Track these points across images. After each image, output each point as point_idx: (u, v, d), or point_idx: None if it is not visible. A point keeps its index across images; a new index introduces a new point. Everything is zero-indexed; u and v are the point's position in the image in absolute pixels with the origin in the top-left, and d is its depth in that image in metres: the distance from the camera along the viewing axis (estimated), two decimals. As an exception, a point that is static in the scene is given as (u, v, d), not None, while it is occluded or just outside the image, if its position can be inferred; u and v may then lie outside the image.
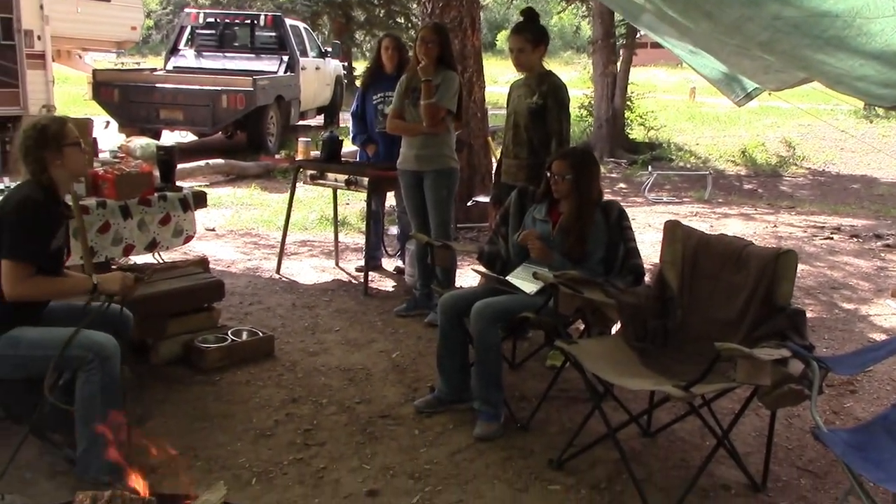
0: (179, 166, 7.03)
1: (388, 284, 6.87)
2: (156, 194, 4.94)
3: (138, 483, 2.45)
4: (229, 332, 5.08)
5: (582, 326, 4.65)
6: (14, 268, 3.30)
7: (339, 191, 7.13)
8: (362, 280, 6.61)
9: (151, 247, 4.97)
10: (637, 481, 3.50)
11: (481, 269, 4.71)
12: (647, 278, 4.33)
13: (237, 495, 3.43)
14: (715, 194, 12.37)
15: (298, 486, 3.60)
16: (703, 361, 3.48)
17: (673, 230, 4.08)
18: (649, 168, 13.87)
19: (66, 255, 3.71)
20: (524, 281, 4.32)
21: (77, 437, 3.42)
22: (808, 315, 5.48)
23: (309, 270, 7.18)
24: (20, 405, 3.60)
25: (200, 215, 5.71)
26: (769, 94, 5.68)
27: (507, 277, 4.40)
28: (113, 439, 3.35)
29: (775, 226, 9.89)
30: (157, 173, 5.20)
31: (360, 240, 7.67)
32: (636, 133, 17.81)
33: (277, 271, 7.05)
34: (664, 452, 4.01)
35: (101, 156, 5.55)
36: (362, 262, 6.75)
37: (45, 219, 3.37)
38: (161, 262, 5.43)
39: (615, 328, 4.38)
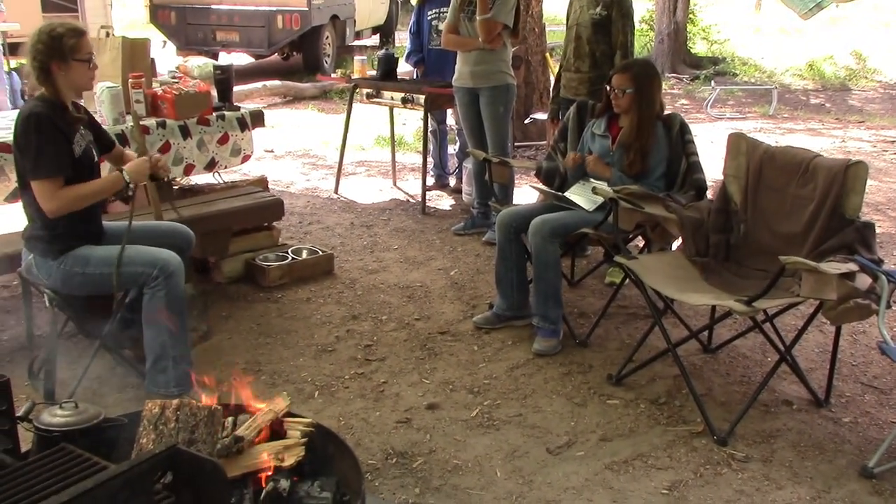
0: (236, 88, 7.03)
1: (445, 203, 6.85)
2: (214, 114, 4.95)
3: (205, 394, 2.51)
4: (290, 251, 5.14)
5: (642, 243, 4.60)
6: (43, 185, 3.30)
7: (395, 109, 7.08)
8: (420, 199, 6.60)
9: (211, 166, 5.01)
10: (697, 396, 3.49)
11: (539, 185, 4.66)
12: (709, 194, 4.24)
13: (300, 408, 3.51)
14: (780, 109, 12.01)
15: (360, 400, 3.66)
16: (766, 276, 3.43)
17: (737, 142, 3.97)
18: (712, 83, 13.49)
19: (99, 159, 3.69)
20: (582, 197, 4.27)
21: (146, 350, 3.50)
22: (878, 231, 5.35)
23: (367, 190, 7.19)
24: (91, 321, 3.70)
25: (259, 137, 5.72)
26: (836, 5, 5.43)
27: (565, 193, 4.35)
28: (180, 353, 3.47)
29: (843, 141, 9.59)
30: (214, 93, 5.21)
31: (418, 159, 7.64)
32: (698, 47, 17.28)
33: (336, 191, 7.08)
34: (725, 368, 3.98)
35: (159, 77, 5.56)
36: (419, 181, 6.73)
37: (55, 130, 3.31)
38: (221, 182, 5.48)
39: (676, 244, 4.32)
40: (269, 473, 2.30)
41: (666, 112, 4.34)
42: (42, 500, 1.77)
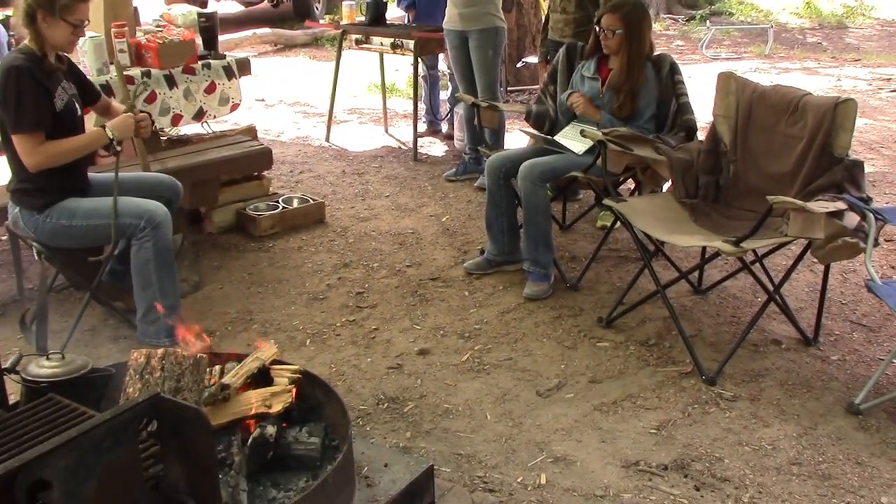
0: (226, 37, 6.97)
1: (437, 149, 6.82)
2: (199, 62, 4.89)
3: (195, 343, 2.52)
4: (280, 200, 5.13)
5: (632, 185, 4.59)
6: (23, 140, 3.27)
7: (386, 56, 7.00)
8: (412, 146, 6.56)
9: (199, 116, 4.96)
10: (686, 337, 3.50)
11: (529, 129, 4.62)
12: (702, 135, 4.21)
13: (292, 356, 3.53)
14: (776, 49, 11.88)
15: (351, 347, 3.68)
16: (755, 217, 3.41)
17: (726, 82, 3.93)
18: (707, 23, 13.34)
19: (84, 110, 3.65)
20: (572, 140, 4.24)
21: (135, 301, 3.51)
22: (870, 170, 5.33)
23: (358, 137, 7.15)
24: (80, 273, 3.70)
25: (250, 86, 5.67)
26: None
27: (554, 137, 4.32)
28: (169, 303, 3.47)
29: (839, 79, 9.51)
30: (199, 41, 5.14)
31: (409, 105, 7.58)
32: (694, -14, 17.04)
33: (327, 139, 7.04)
34: (714, 309, 3.99)
35: (143, 25, 5.48)
36: (411, 128, 6.68)
37: (35, 83, 3.27)
38: (210, 132, 5.44)
39: (666, 186, 4.30)
40: (257, 420, 2.32)
41: (656, 53, 4.29)
42: (28, 449, 1.78)
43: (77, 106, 3.50)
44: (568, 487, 2.74)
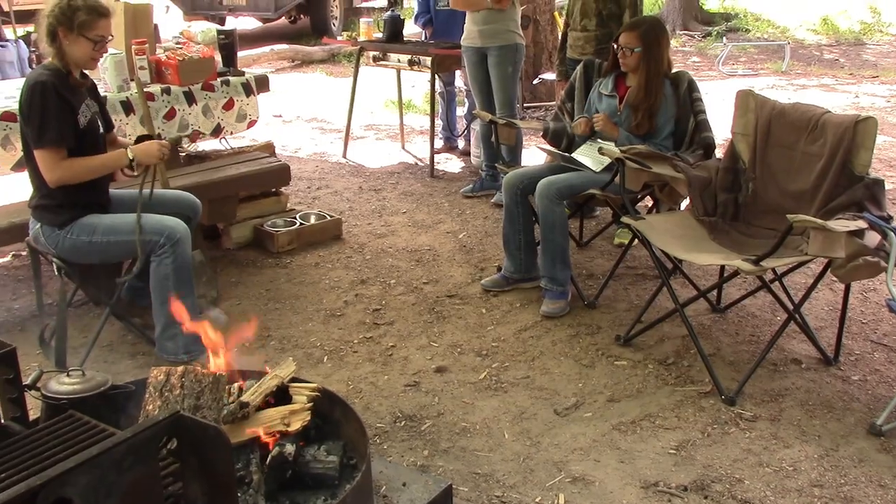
0: (244, 53, 7.01)
1: (454, 166, 6.83)
2: (218, 79, 4.93)
3: (214, 360, 2.52)
4: (298, 216, 5.14)
5: (650, 203, 4.58)
6: (45, 155, 3.30)
7: (403, 72, 7.03)
8: (428, 162, 6.58)
9: (216, 132, 4.99)
10: (705, 356, 3.48)
11: (546, 146, 4.62)
12: (719, 152, 4.20)
13: (309, 372, 3.53)
14: (793, 65, 11.85)
15: (368, 364, 3.68)
16: (774, 235, 3.41)
17: (745, 100, 3.92)
18: (724, 40, 13.33)
19: (108, 129, 3.68)
20: (590, 157, 4.24)
21: (154, 318, 3.52)
22: (890, 188, 5.29)
23: (375, 154, 7.17)
24: (100, 289, 3.72)
25: (267, 102, 5.70)
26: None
27: (572, 154, 4.32)
28: (188, 320, 3.48)
29: (857, 96, 9.47)
30: (218, 58, 5.18)
31: (426, 122, 7.60)
32: (710, 3, 17.05)
33: (344, 155, 7.06)
34: (734, 328, 3.97)
35: (163, 42, 5.53)
36: (428, 144, 6.70)
37: (59, 99, 3.30)
38: (228, 148, 5.47)
39: (684, 204, 4.29)
40: (276, 439, 2.32)
41: (674, 70, 4.29)
42: (49, 466, 1.79)
43: (100, 123, 3.53)
44: (586, 508, 2.73)
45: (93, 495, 1.64)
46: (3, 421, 2.16)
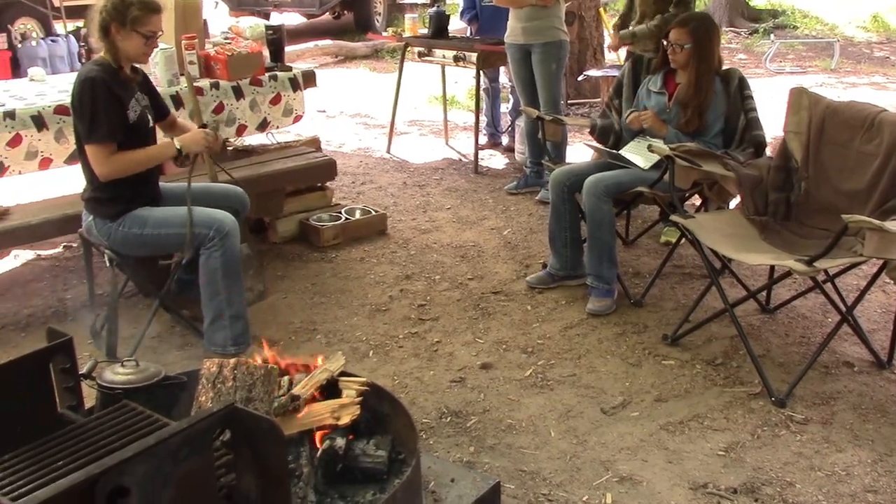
0: (288, 49, 7.05)
1: (498, 162, 6.81)
2: (266, 74, 4.96)
3: (262, 353, 2.54)
4: (343, 211, 5.16)
5: (698, 202, 4.53)
6: (96, 150, 3.35)
7: (447, 68, 7.03)
8: (472, 158, 6.57)
9: (263, 126, 5.03)
10: (755, 356, 3.43)
11: (594, 143, 4.59)
12: (768, 151, 4.14)
13: (355, 367, 3.54)
14: (842, 63, 11.65)
15: (414, 359, 3.68)
16: (827, 235, 3.35)
17: (799, 97, 3.86)
18: (771, 37, 13.14)
19: (164, 115, 3.72)
20: (638, 155, 4.21)
21: (203, 310, 3.56)
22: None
23: (419, 149, 7.18)
24: (150, 281, 3.77)
25: (311, 97, 5.72)
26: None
27: (620, 151, 4.28)
28: (236, 312, 3.52)
29: (909, 95, 9.29)
30: (266, 53, 5.22)
31: (470, 118, 7.59)
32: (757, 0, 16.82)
33: (388, 151, 7.08)
34: (783, 329, 3.91)
35: (212, 38, 5.58)
36: (471, 140, 6.69)
37: (110, 94, 3.34)
38: (274, 142, 5.51)
39: (733, 203, 4.24)
40: (325, 432, 2.33)
41: (725, 67, 4.23)
42: (106, 455, 1.81)
43: (149, 117, 3.57)
44: (634, 508, 2.70)
45: (149, 485, 1.66)
46: (59, 409, 2.19)
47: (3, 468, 1.92)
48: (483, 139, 7.00)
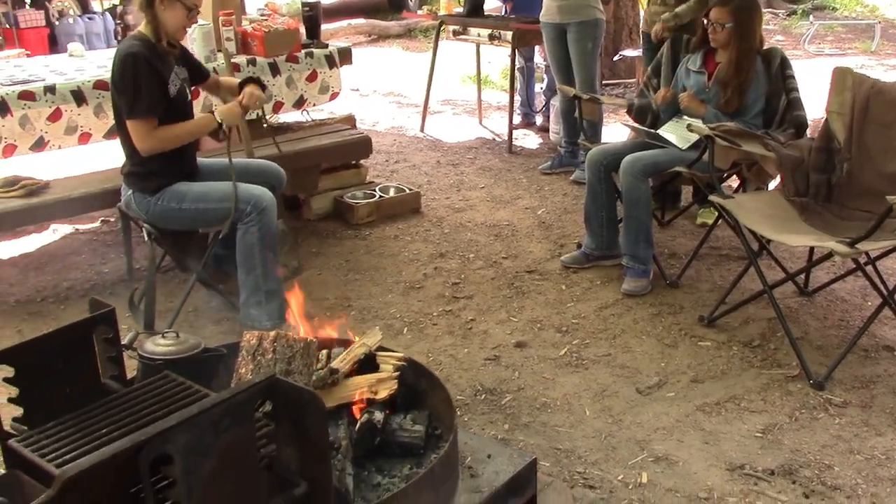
0: (322, 27, 7.05)
1: (532, 142, 6.78)
2: (302, 51, 4.96)
3: (298, 327, 2.55)
4: (377, 189, 5.17)
5: (735, 184, 4.48)
6: (137, 125, 3.37)
7: (482, 47, 6.99)
8: (506, 138, 6.54)
9: (299, 103, 5.04)
10: (793, 339, 3.39)
11: (631, 122, 4.55)
12: (808, 133, 4.08)
13: (389, 343, 3.52)
14: (883, 45, 11.44)
15: (448, 336, 3.68)
16: (869, 217, 3.30)
17: (842, 77, 3.79)
18: (810, 18, 12.92)
19: (195, 91, 3.72)
20: (676, 135, 4.16)
21: (239, 285, 3.58)
22: None
23: (452, 129, 7.16)
24: (187, 256, 3.79)
25: (344, 76, 5.72)
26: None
27: (658, 131, 4.24)
28: (272, 287, 3.53)
29: (952, 77, 9.11)
30: (302, 30, 5.21)
31: (503, 98, 7.55)
32: (796, -20, 16.52)
33: (421, 129, 7.07)
34: (822, 312, 3.86)
35: (248, 14, 5.58)
36: (505, 120, 6.66)
37: (150, 70, 3.36)
38: (309, 120, 5.51)
39: (772, 185, 4.19)
40: (363, 406, 2.33)
41: (766, 46, 4.17)
42: (148, 424, 1.83)
43: (188, 91, 3.59)
44: (670, 488, 2.69)
45: (192, 454, 1.67)
46: (102, 379, 2.21)
47: (47, 435, 1.95)
48: (517, 119, 6.96)
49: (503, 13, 7.10)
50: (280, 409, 1.90)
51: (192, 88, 3.72)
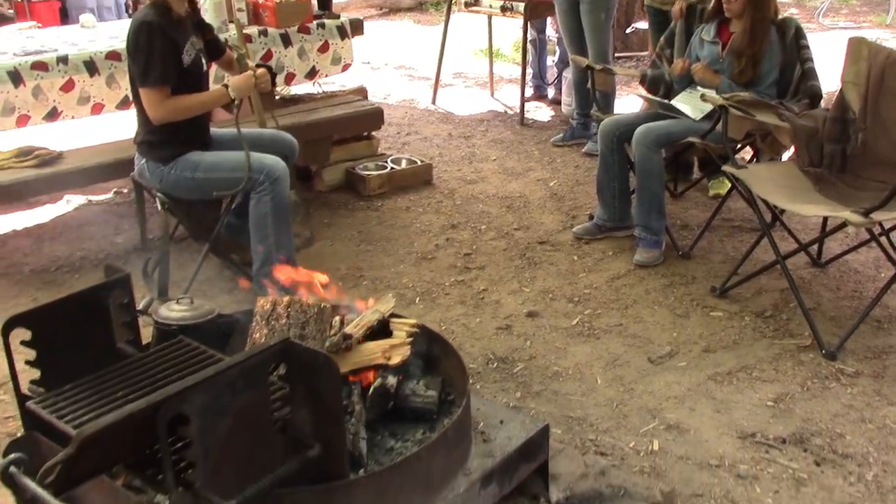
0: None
1: (544, 114, 6.75)
2: (314, 22, 4.95)
3: (311, 295, 2.56)
4: (389, 160, 5.16)
5: (748, 155, 4.45)
6: (150, 93, 3.37)
7: (493, 19, 6.95)
8: (518, 110, 6.52)
9: (311, 74, 5.03)
10: (806, 309, 3.39)
11: (644, 93, 4.52)
12: (822, 104, 4.05)
13: (402, 312, 3.54)
14: (899, 17, 11.32)
15: (460, 306, 3.69)
16: (884, 188, 3.27)
17: (858, 47, 3.75)
18: (825, -10, 12.78)
19: (209, 65, 3.71)
20: (689, 105, 4.14)
21: (252, 254, 3.59)
22: None
23: (464, 101, 7.13)
24: (200, 225, 3.80)
25: (356, 49, 5.70)
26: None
27: (671, 101, 4.22)
28: (285, 256, 3.54)
29: (968, 50, 9.01)
30: (314, 1, 5.19)
31: (515, 70, 7.51)
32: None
33: (433, 102, 7.04)
34: (835, 283, 3.85)
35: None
36: (517, 92, 6.63)
37: (165, 38, 3.35)
38: (321, 91, 5.50)
39: (786, 155, 4.17)
40: (376, 372, 2.35)
41: (781, 16, 4.13)
42: (163, 387, 1.85)
43: (203, 61, 3.58)
44: (681, 455, 2.70)
45: (208, 414, 1.69)
46: (118, 344, 2.23)
47: (65, 397, 1.97)
48: (529, 91, 6.92)
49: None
50: (294, 372, 1.91)
51: (208, 64, 3.71)
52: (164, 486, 1.74)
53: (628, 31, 8.16)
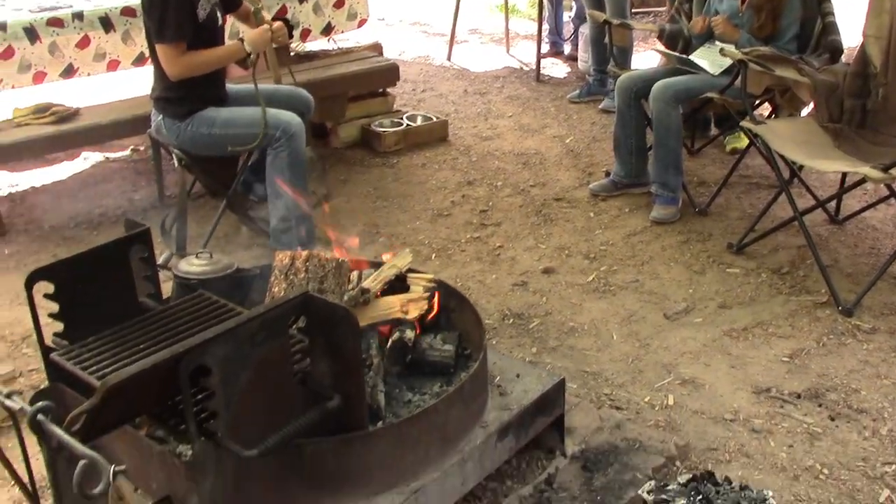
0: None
1: (560, 71, 6.70)
2: (329, -24, 4.91)
3: (327, 250, 2.57)
4: (404, 117, 5.15)
5: (767, 112, 4.41)
6: (166, 49, 3.36)
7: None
8: (534, 66, 6.46)
9: (327, 31, 5.00)
10: (822, 265, 3.38)
11: (662, 48, 4.48)
12: (842, 59, 4.00)
13: (418, 269, 3.57)
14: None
15: (476, 262, 3.70)
16: (905, 143, 3.25)
17: (880, 0, 3.70)
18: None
19: (224, 19, 3.68)
20: (708, 60, 4.10)
21: (269, 211, 3.60)
22: None
23: (479, 58, 7.08)
24: (218, 182, 3.82)
25: (371, 5, 5.66)
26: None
27: (689, 56, 4.18)
28: (303, 213, 3.56)
29: None
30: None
31: (531, 27, 7.44)
32: None
33: (448, 59, 7.00)
34: (852, 240, 3.84)
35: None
36: (533, 49, 6.57)
37: None
38: (336, 48, 5.47)
39: (805, 111, 4.13)
40: (393, 326, 2.37)
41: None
42: (186, 339, 1.87)
43: (218, 15, 3.56)
44: (696, 409, 2.72)
45: (229, 366, 1.71)
46: (139, 298, 2.25)
47: (88, 349, 2.00)
48: (545, 47, 6.86)
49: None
50: (314, 325, 1.93)
51: (224, 17, 3.69)
52: (186, 436, 1.77)
53: (646, -15, 8.04)
